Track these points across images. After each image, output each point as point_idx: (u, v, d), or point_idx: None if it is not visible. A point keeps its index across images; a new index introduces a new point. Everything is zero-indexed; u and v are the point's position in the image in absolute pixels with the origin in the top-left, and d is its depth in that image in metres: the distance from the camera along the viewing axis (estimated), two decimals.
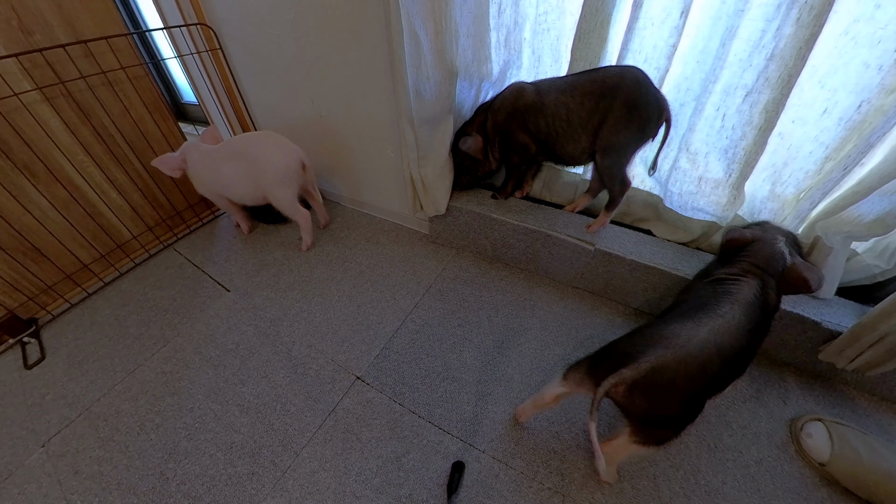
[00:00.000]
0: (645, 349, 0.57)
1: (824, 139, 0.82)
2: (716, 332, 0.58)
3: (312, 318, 1.15)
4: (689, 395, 0.58)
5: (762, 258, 0.72)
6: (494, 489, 0.78)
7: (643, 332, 0.63)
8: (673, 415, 0.59)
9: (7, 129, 1.02)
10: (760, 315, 0.66)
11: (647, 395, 0.57)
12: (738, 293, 0.66)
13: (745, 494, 0.77)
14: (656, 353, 0.55)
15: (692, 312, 0.63)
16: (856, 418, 0.87)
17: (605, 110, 0.90)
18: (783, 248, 0.72)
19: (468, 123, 1.12)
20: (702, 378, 0.57)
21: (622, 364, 0.57)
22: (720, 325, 0.59)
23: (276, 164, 1.21)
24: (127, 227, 1.35)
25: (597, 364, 0.65)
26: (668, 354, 0.55)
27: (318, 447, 0.86)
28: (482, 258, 1.32)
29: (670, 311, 0.71)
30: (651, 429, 0.61)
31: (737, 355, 0.59)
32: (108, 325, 1.17)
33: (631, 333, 0.66)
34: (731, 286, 0.68)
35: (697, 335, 0.57)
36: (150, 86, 1.30)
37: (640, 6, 0.82)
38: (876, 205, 0.78)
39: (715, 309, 0.62)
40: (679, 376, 0.55)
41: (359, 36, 1.05)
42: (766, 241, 0.74)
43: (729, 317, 0.61)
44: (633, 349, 0.59)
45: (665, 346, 0.56)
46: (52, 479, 0.84)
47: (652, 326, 0.64)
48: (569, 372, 0.71)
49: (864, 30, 0.70)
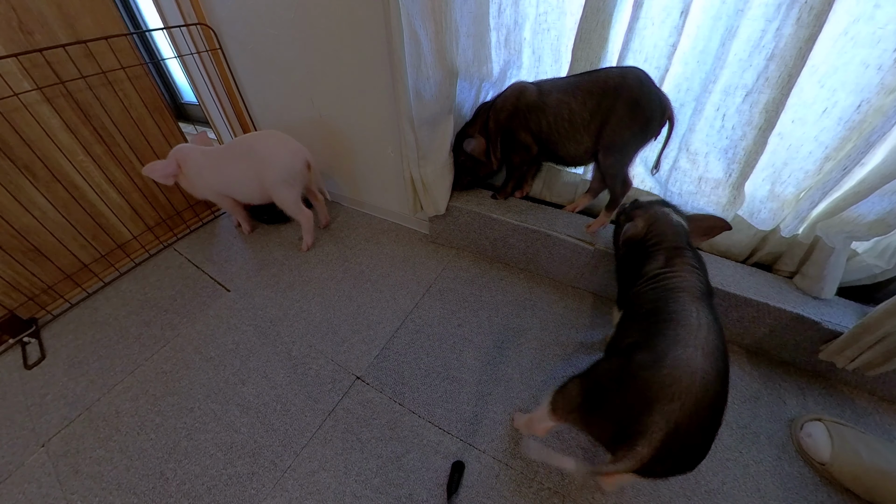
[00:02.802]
0: (649, 404, 0.51)
1: (824, 139, 0.82)
2: (703, 348, 0.54)
3: (312, 318, 1.15)
4: (709, 429, 0.53)
5: (670, 237, 0.73)
6: (494, 489, 0.78)
7: (635, 373, 0.56)
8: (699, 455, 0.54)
9: (7, 129, 1.02)
10: (707, 285, 0.68)
11: (664, 461, 0.51)
12: (686, 285, 0.66)
13: (745, 494, 0.77)
14: (664, 412, 0.49)
15: (668, 330, 0.58)
16: (856, 418, 0.87)
17: (608, 110, 0.90)
18: (673, 217, 0.75)
19: (469, 124, 1.12)
20: (714, 407, 0.52)
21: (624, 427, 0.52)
22: (704, 337, 0.55)
23: (281, 163, 1.20)
24: (127, 227, 1.35)
25: (590, 411, 0.60)
26: (676, 409, 0.49)
27: (318, 447, 0.86)
28: (482, 258, 1.32)
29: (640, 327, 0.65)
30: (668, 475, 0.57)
31: (723, 354, 0.57)
32: (108, 325, 1.17)
33: (620, 369, 0.59)
34: (674, 280, 0.67)
35: (694, 363, 0.52)
36: (150, 86, 1.30)
37: (641, 6, 0.82)
38: (876, 205, 0.78)
39: (685, 316, 0.59)
40: (694, 421, 0.50)
41: (359, 36, 1.05)
42: (660, 220, 0.76)
43: (702, 320, 0.58)
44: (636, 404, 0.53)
45: (670, 396, 0.50)
46: (52, 479, 0.84)
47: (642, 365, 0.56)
48: (556, 403, 0.66)
49: (864, 29, 0.70)
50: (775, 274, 1.00)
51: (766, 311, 0.92)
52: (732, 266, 1.02)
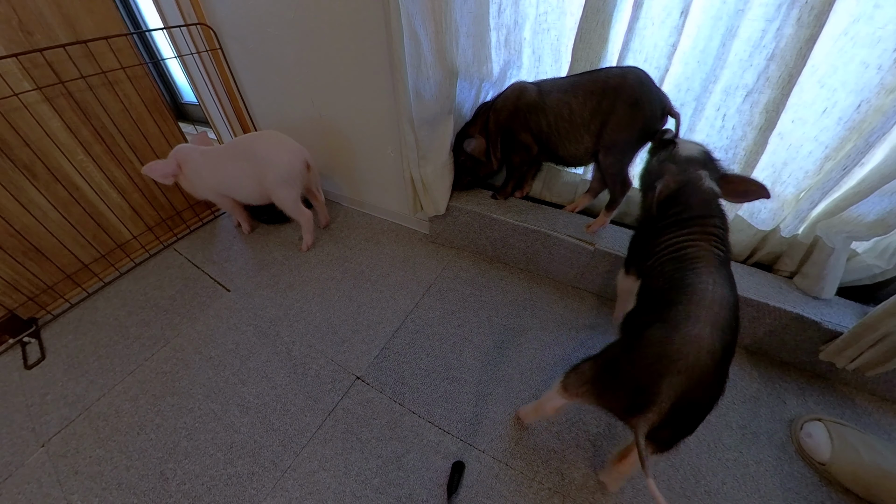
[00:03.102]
0: (658, 377, 0.55)
1: (824, 139, 0.82)
2: (714, 323, 0.56)
3: (312, 318, 1.15)
4: (712, 398, 0.57)
5: (695, 206, 0.71)
6: (494, 489, 0.78)
7: (646, 348, 0.59)
8: (699, 419, 0.58)
9: (7, 129, 1.02)
10: (726, 252, 0.68)
11: (673, 426, 0.56)
12: (704, 254, 0.66)
13: (745, 494, 0.77)
14: (671, 383, 0.53)
15: (681, 305, 0.60)
16: (856, 418, 0.87)
17: (608, 110, 0.90)
18: (710, 185, 0.72)
19: (470, 124, 1.12)
20: (717, 378, 0.56)
21: (635, 397, 0.56)
22: (716, 313, 0.57)
23: (281, 164, 1.20)
24: (127, 227, 1.35)
25: (603, 383, 0.63)
26: (682, 381, 0.53)
27: (318, 447, 0.86)
28: (482, 258, 1.32)
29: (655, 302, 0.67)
30: (677, 440, 0.59)
31: (733, 327, 0.59)
32: (108, 325, 1.17)
33: (632, 344, 0.62)
34: (691, 249, 0.67)
35: (702, 340, 0.55)
36: (150, 86, 1.30)
37: (641, 6, 0.82)
38: (876, 205, 0.78)
39: (701, 290, 0.60)
40: (699, 392, 0.54)
41: (359, 36, 1.05)
42: (691, 184, 0.73)
43: (717, 293, 0.59)
44: (645, 377, 0.56)
45: (677, 370, 0.54)
46: (52, 479, 0.84)
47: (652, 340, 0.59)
48: (568, 381, 0.69)
49: (864, 30, 0.70)
50: (775, 274, 1.00)
51: (766, 311, 0.92)
52: (732, 266, 1.01)
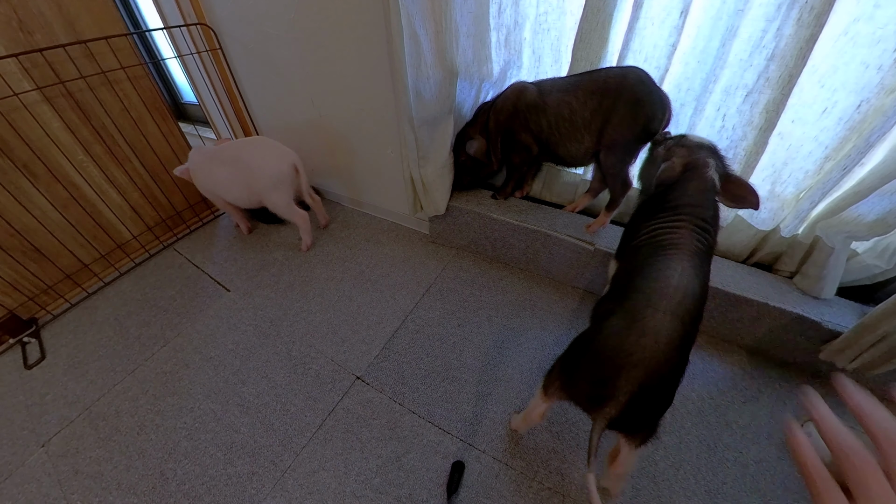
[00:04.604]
0: (616, 370, 0.55)
1: (824, 139, 0.82)
2: (674, 312, 0.56)
3: (312, 318, 1.15)
4: (671, 386, 0.58)
5: (692, 192, 0.70)
6: (494, 489, 0.78)
7: (604, 340, 0.59)
8: (663, 407, 0.59)
9: (7, 129, 1.02)
10: (708, 247, 0.66)
11: (633, 416, 0.57)
12: (682, 242, 0.64)
13: (745, 494, 0.77)
14: (629, 377, 0.54)
15: (642, 292, 0.60)
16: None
17: (609, 109, 0.90)
18: (712, 175, 0.71)
19: (470, 125, 1.12)
20: (675, 368, 0.56)
21: (595, 389, 0.58)
22: (678, 302, 0.57)
23: (269, 170, 1.21)
24: (127, 227, 1.35)
25: (567, 376, 0.65)
26: (640, 374, 0.54)
27: (318, 447, 0.86)
28: (482, 258, 1.32)
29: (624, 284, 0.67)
30: (645, 429, 0.60)
31: (694, 317, 0.58)
32: (108, 325, 1.17)
33: (592, 337, 0.62)
34: (670, 235, 0.66)
35: (660, 332, 0.55)
36: (149, 86, 1.30)
37: (641, 6, 0.82)
38: (876, 205, 0.78)
39: (666, 277, 0.60)
40: (657, 381, 0.55)
41: (359, 36, 1.05)
42: (696, 169, 0.71)
43: (682, 281, 0.59)
44: (604, 370, 0.57)
45: (634, 363, 0.54)
46: (52, 479, 0.84)
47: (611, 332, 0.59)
48: (545, 382, 0.70)
49: (864, 29, 0.70)
50: (775, 274, 1.00)
51: (766, 311, 0.92)
52: (732, 266, 1.02)
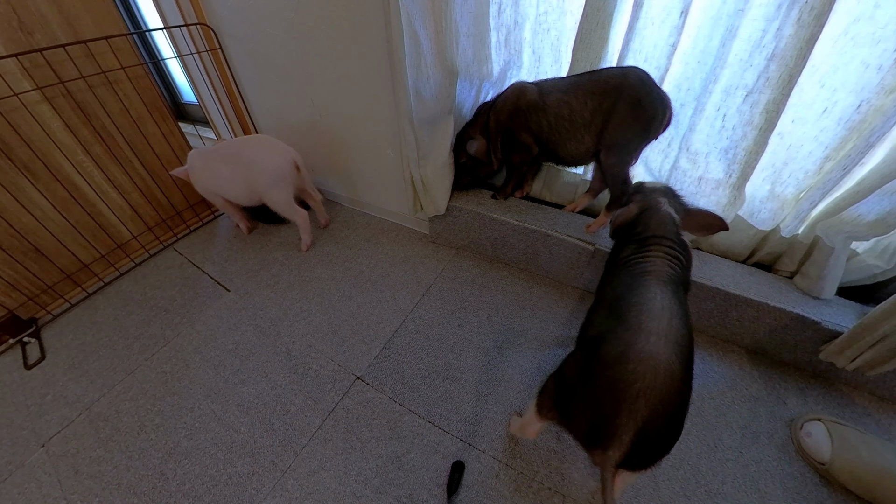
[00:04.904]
0: (616, 404, 0.51)
1: (824, 139, 0.82)
2: (667, 336, 0.54)
3: (312, 318, 1.15)
4: (679, 416, 0.54)
5: (653, 226, 0.74)
6: (494, 489, 0.78)
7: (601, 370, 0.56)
8: (672, 441, 0.55)
9: (7, 129, 1.02)
10: (681, 275, 0.68)
11: (638, 455, 0.53)
12: (655, 269, 0.67)
13: (745, 494, 0.77)
14: (632, 412, 0.50)
15: (631, 319, 0.58)
16: (856, 418, 0.87)
17: (609, 109, 0.90)
18: (664, 207, 0.76)
19: (470, 125, 1.12)
20: (680, 397, 0.53)
21: (595, 427, 0.54)
22: (667, 324, 0.56)
23: (269, 167, 1.21)
24: (127, 226, 1.35)
25: (563, 408, 0.61)
26: (642, 407, 0.50)
27: (318, 447, 0.86)
28: (482, 258, 1.32)
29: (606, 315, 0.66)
30: (654, 464, 0.57)
31: (688, 340, 0.57)
32: (108, 325, 1.17)
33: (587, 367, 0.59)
34: (642, 264, 0.69)
35: (658, 358, 0.52)
36: (149, 86, 1.30)
37: (641, 6, 0.82)
38: (876, 205, 0.78)
39: (649, 301, 0.59)
40: (662, 413, 0.51)
41: (359, 36, 1.05)
42: (651, 208, 0.77)
43: (665, 303, 0.59)
44: (602, 405, 0.53)
45: (636, 394, 0.50)
46: (52, 479, 0.84)
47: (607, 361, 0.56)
48: (539, 401, 0.68)
49: (864, 29, 0.70)
50: (775, 274, 1.00)
51: (766, 311, 0.92)
52: (732, 266, 1.02)
